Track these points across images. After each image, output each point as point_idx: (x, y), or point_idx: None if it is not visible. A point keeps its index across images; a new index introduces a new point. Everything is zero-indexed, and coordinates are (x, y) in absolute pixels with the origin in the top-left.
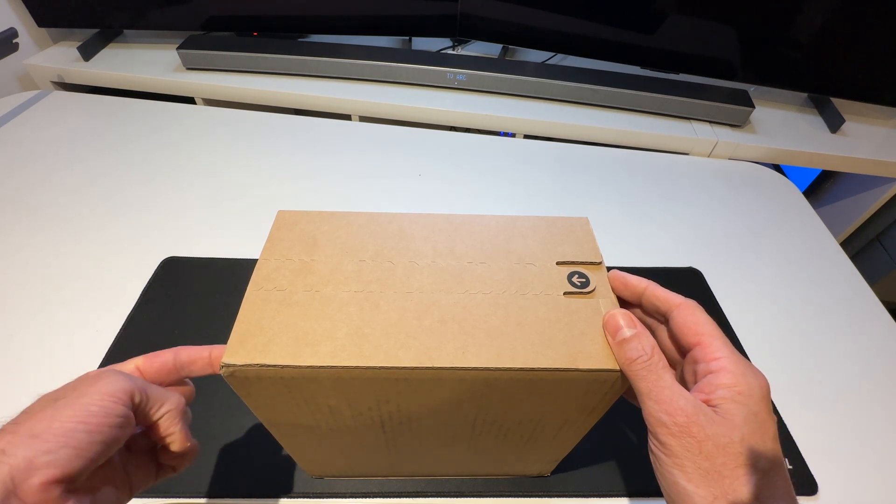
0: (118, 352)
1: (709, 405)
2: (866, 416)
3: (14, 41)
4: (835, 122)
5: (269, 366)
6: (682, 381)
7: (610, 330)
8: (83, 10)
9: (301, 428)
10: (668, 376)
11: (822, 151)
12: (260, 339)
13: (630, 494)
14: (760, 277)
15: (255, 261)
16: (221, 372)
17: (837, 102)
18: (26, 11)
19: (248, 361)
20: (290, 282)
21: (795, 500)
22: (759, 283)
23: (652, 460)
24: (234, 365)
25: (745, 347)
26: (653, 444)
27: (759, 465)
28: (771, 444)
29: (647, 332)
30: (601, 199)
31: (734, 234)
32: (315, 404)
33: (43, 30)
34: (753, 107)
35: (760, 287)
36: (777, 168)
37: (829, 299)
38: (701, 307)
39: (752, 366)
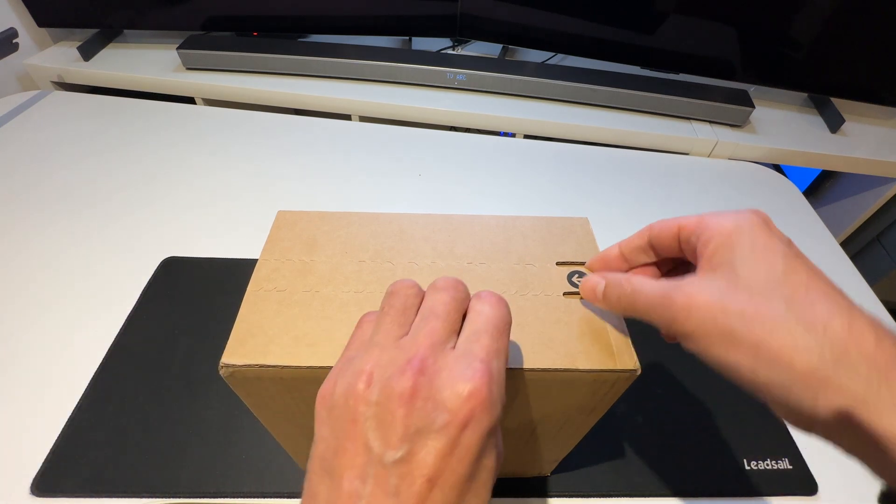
0: (118, 352)
1: (712, 270)
2: None
3: (14, 41)
4: (835, 122)
5: (268, 366)
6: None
7: (590, 296)
8: (83, 10)
9: (300, 428)
10: (648, 283)
11: (822, 151)
12: (260, 339)
13: (630, 494)
14: None
15: (255, 261)
16: (221, 372)
17: (837, 102)
18: (26, 11)
19: (248, 362)
20: (290, 282)
21: (852, 305)
22: None
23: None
24: (233, 365)
25: None
26: (688, 346)
27: (783, 291)
28: (781, 261)
29: (614, 274)
30: (601, 199)
31: None
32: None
33: (43, 30)
34: (753, 107)
35: None
36: (777, 168)
37: None
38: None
39: (732, 212)
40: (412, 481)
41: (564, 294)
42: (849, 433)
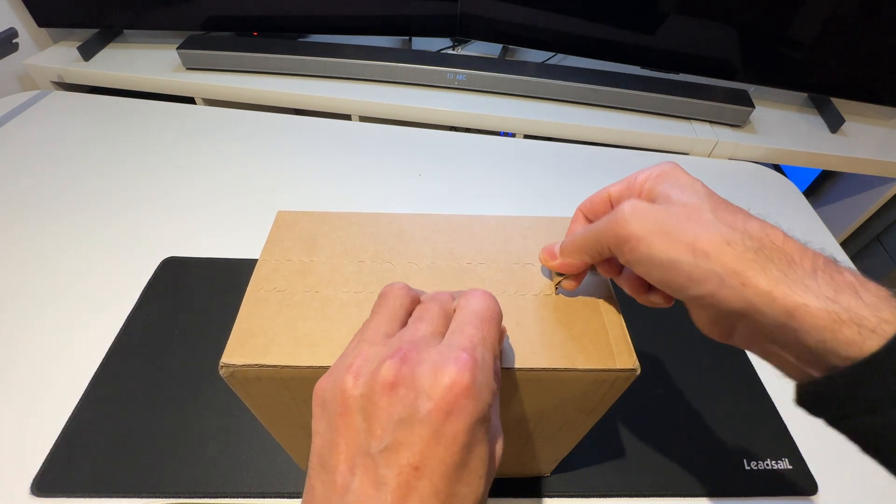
0: (118, 352)
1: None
2: None
3: (14, 41)
4: (835, 122)
5: (268, 366)
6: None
7: (548, 256)
8: (83, 10)
9: (300, 428)
10: (595, 223)
11: (822, 151)
12: (260, 339)
13: (630, 494)
14: None
15: (255, 261)
16: (221, 372)
17: (837, 102)
18: (26, 11)
19: (248, 362)
20: (289, 282)
21: (764, 217)
22: None
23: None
24: (233, 365)
25: None
26: (634, 252)
27: (708, 204)
28: (705, 190)
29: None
30: None
31: None
32: None
33: (43, 30)
34: (753, 107)
35: None
36: (777, 168)
37: None
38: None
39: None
40: (399, 470)
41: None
42: (766, 322)
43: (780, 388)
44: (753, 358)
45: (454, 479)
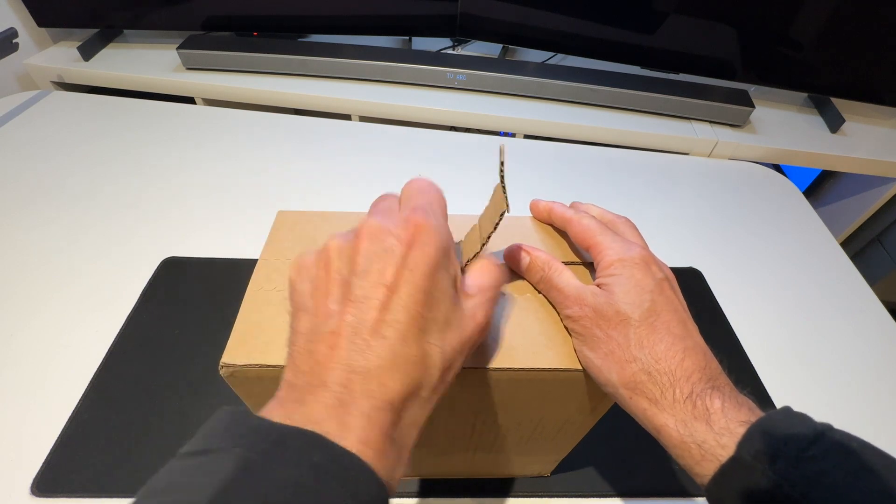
0: (118, 352)
1: (600, 286)
2: (866, 416)
3: (14, 41)
4: (835, 122)
5: (269, 366)
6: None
7: (514, 264)
8: (83, 10)
9: None
10: (566, 277)
11: (822, 151)
12: (260, 339)
13: (630, 494)
14: (760, 277)
15: (255, 261)
16: (221, 372)
17: (837, 102)
18: (26, 11)
19: (249, 362)
20: None
21: (682, 334)
22: (759, 283)
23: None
24: (234, 365)
25: (744, 347)
26: (569, 335)
27: (636, 317)
28: (648, 297)
29: (541, 253)
30: (601, 199)
31: (734, 234)
32: None
33: (43, 30)
34: (753, 107)
35: (760, 287)
36: (777, 168)
37: (829, 299)
38: (589, 216)
39: (627, 241)
40: (376, 289)
41: None
42: (648, 427)
43: (779, 388)
44: (753, 359)
45: (422, 302)
